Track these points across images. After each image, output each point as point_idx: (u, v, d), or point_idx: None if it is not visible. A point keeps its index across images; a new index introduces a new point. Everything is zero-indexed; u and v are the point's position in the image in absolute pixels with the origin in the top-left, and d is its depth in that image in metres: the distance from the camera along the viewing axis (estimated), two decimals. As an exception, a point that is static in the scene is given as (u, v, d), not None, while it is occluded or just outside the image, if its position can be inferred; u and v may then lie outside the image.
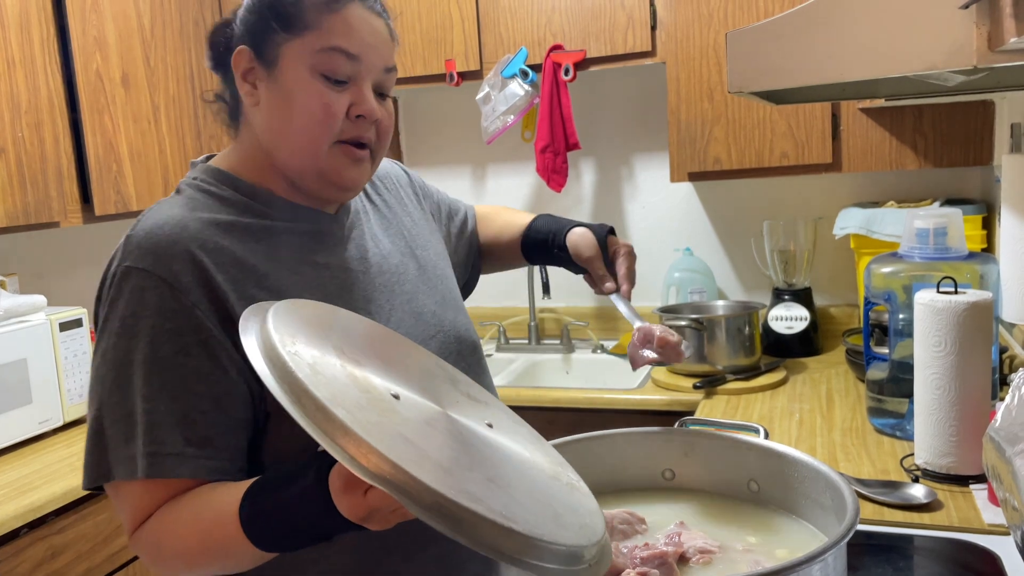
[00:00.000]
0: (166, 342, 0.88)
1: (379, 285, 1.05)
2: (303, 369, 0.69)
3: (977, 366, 1.36)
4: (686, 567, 0.84)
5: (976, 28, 0.74)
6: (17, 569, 1.66)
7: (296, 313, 0.78)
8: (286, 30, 0.94)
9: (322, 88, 0.94)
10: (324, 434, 0.66)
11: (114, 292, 0.91)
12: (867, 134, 2.17)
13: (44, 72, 2.13)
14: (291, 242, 0.99)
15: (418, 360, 0.88)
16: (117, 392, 0.89)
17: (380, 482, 0.64)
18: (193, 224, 0.93)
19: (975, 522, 1.27)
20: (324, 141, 0.96)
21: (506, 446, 0.80)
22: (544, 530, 0.67)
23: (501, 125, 2.54)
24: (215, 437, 0.89)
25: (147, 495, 0.89)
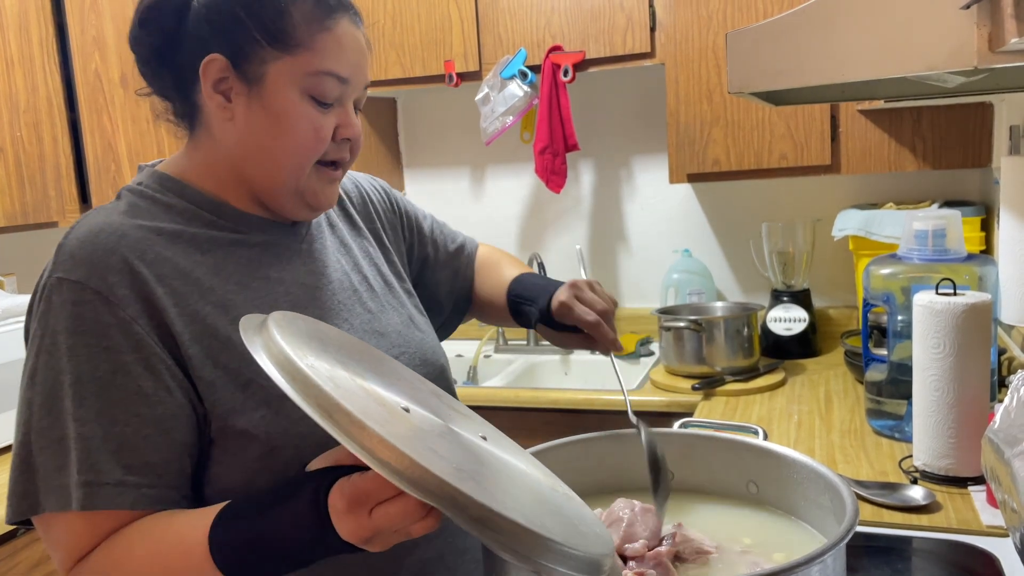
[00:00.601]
0: (102, 361, 0.81)
1: (337, 303, 0.99)
2: (326, 382, 0.66)
3: (976, 368, 1.36)
4: (684, 568, 0.84)
5: (977, 29, 0.74)
6: (14, 570, 1.66)
7: (295, 325, 0.75)
8: (275, 46, 0.88)
9: (312, 112, 0.90)
10: (363, 448, 0.63)
11: (44, 305, 0.83)
12: (866, 136, 2.17)
13: (43, 72, 2.13)
14: (241, 255, 0.93)
15: (402, 375, 0.86)
16: (47, 416, 0.81)
17: (426, 495, 0.62)
18: (132, 232, 0.86)
19: (974, 524, 1.27)
20: (309, 164, 0.92)
21: (507, 459, 0.79)
22: (575, 541, 0.67)
23: (500, 126, 2.54)
24: (158, 464, 0.82)
25: (84, 528, 0.81)
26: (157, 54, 0.93)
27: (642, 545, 0.83)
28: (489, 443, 0.81)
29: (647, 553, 0.82)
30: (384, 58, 2.58)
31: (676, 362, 2.26)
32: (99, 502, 0.79)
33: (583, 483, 1.01)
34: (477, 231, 2.95)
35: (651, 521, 0.87)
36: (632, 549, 0.83)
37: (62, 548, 0.82)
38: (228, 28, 0.88)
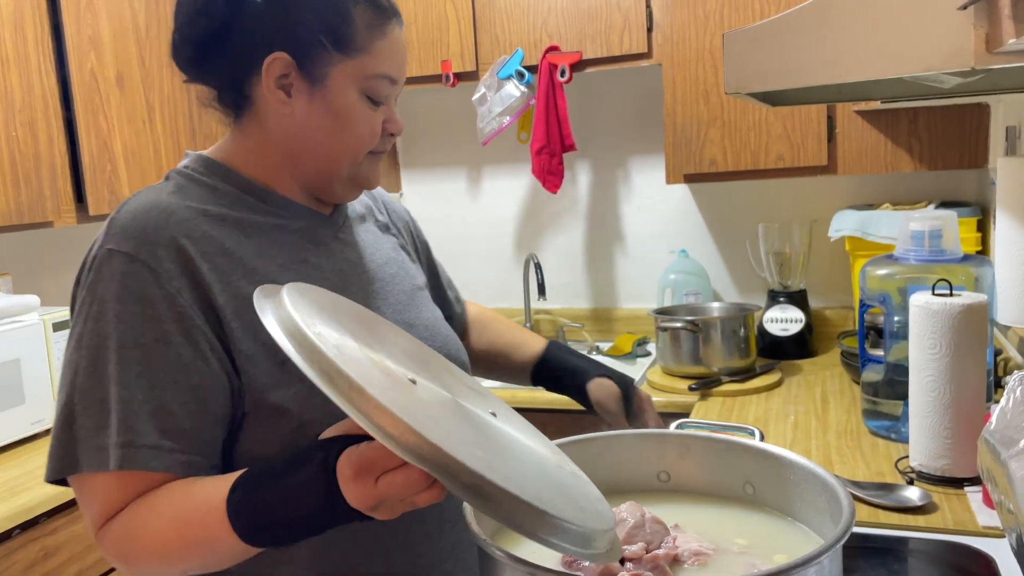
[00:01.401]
0: (146, 329, 0.85)
1: (371, 291, 1.03)
2: (331, 349, 0.68)
3: (972, 368, 1.36)
4: (680, 569, 0.84)
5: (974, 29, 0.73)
6: (9, 571, 1.66)
7: (307, 295, 0.77)
8: (339, 51, 0.94)
9: (367, 111, 0.96)
10: (360, 412, 0.65)
11: (94, 275, 0.88)
12: (862, 136, 2.17)
13: (38, 71, 2.12)
14: (282, 239, 0.97)
15: (417, 351, 0.88)
16: (90, 379, 0.85)
17: (420, 460, 0.64)
18: (180, 211, 0.91)
19: (970, 524, 1.27)
20: (363, 155, 0.99)
21: (513, 434, 0.81)
22: (572, 515, 0.68)
23: (497, 126, 2.54)
24: (192, 431, 0.86)
25: (117, 489, 0.84)
26: (212, 40, 0.96)
27: (640, 547, 0.83)
28: (499, 420, 0.82)
29: (644, 556, 0.82)
30: (381, 58, 2.57)
31: (673, 363, 2.26)
32: (134, 463, 0.83)
33: (580, 484, 1.01)
34: (474, 231, 2.95)
35: (657, 529, 0.86)
36: (630, 551, 0.83)
37: (95, 507, 0.86)
38: (294, 29, 0.93)
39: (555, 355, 1.29)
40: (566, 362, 1.27)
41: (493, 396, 0.92)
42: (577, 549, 0.68)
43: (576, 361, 1.27)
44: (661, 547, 0.84)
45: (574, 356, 1.29)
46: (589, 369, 1.25)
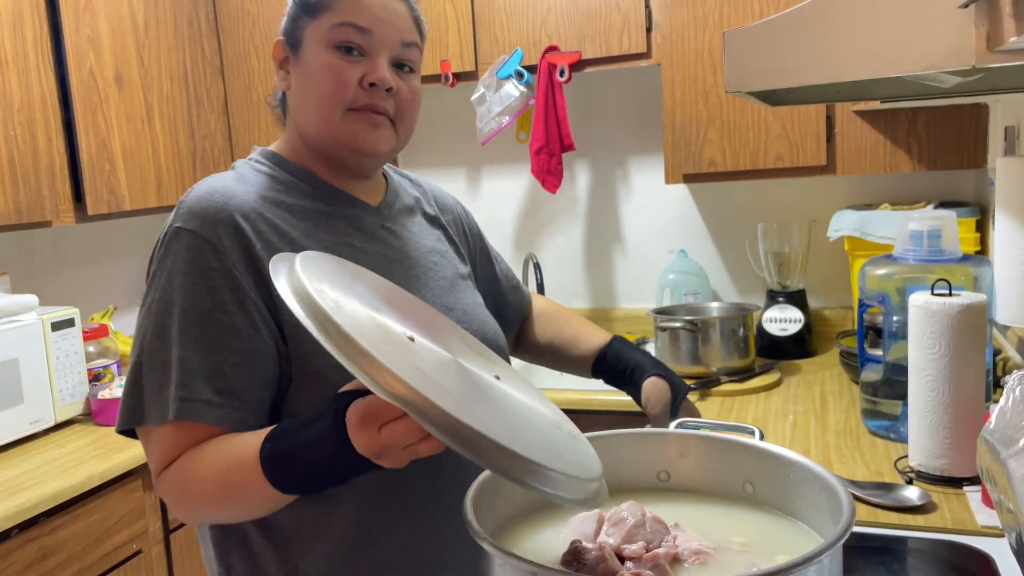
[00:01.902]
0: (205, 298, 0.95)
1: (413, 275, 1.11)
2: (328, 303, 0.74)
3: (971, 368, 1.36)
4: (681, 568, 0.84)
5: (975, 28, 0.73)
6: (8, 570, 1.65)
7: (322, 262, 0.84)
8: (308, 15, 1.03)
9: (335, 60, 1.02)
10: (347, 357, 0.71)
11: (164, 250, 0.98)
12: (861, 136, 2.17)
13: (37, 70, 2.12)
14: (330, 225, 1.06)
15: (436, 321, 0.94)
16: (156, 342, 0.95)
17: (399, 402, 0.69)
18: (240, 195, 1.01)
19: (969, 524, 1.27)
20: (337, 108, 1.02)
21: (512, 394, 0.86)
22: (542, 457, 0.72)
23: (496, 126, 2.54)
24: (241, 391, 0.95)
25: (174, 439, 0.94)
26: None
27: (640, 546, 0.83)
28: (502, 382, 0.87)
29: (645, 555, 0.82)
30: (380, 58, 2.57)
31: (672, 362, 2.26)
32: (190, 415, 0.93)
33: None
34: (473, 231, 2.95)
35: (657, 529, 0.86)
36: (630, 550, 0.83)
37: (156, 455, 0.96)
38: (287, 14, 1.06)
39: (617, 350, 1.33)
40: (627, 357, 1.31)
41: (505, 366, 0.97)
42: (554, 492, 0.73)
43: (638, 358, 1.30)
44: (661, 546, 0.84)
45: (637, 352, 1.32)
46: (648, 366, 1.28)
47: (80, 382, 2.16)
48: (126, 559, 1.92)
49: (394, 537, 1.02)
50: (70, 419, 2.16)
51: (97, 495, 1.85)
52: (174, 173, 2.55)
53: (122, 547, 1.91)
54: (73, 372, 2.14)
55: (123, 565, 1.91)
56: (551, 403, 0.94)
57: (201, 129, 2.66)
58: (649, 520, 0.87)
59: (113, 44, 2.33)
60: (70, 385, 2.13)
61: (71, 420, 2.17)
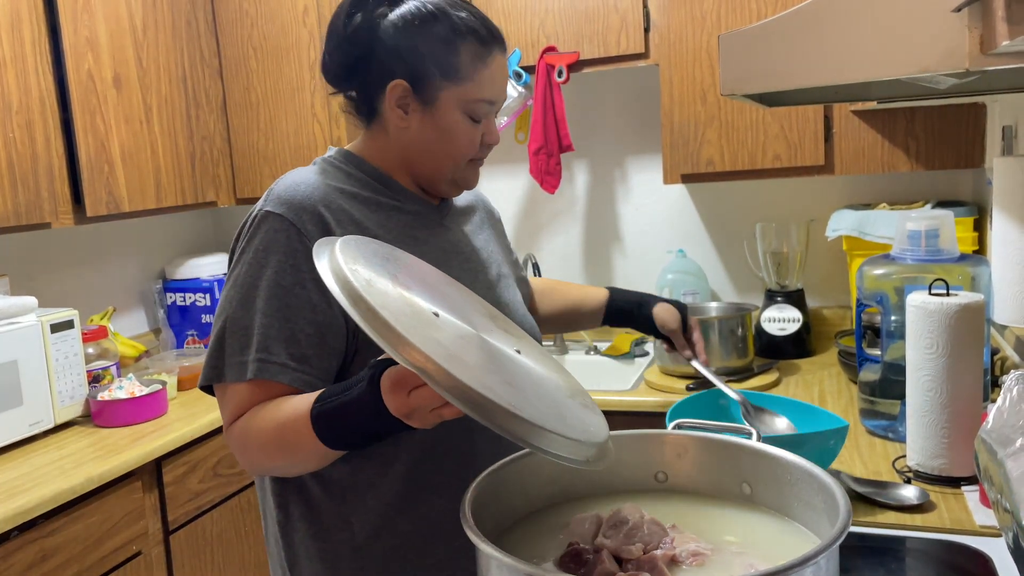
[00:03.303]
0: (288, 274, 1.07)
1: (467, 269, 1.23)
2: (360, 281, 0.82)
3: (969, 368, 1.37)
4: (678, 569, 0.84)
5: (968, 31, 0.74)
6: (8, 572, 1.65)
7: (361, 245, 0.92)
8: (446, 78, 1.13)
9: (469, 127, 1.17)
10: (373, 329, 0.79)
11: (252, 230, 1.11)
12: (859, 136, 2.18)
13: (35, 72, 2.12)
14: (399, 218, 1.19)
15: (467, 299, 1.02)
16: (241, 309, 1.08)
17: (416, 369, 0.77)
18: (322, 188, 1.14)
19: (967, 523, 1.27)
20: (462, 162, 1.19)
21: (531, 367, 0.93)
22: (546, 422, 0.79)
23: (494, 126, 2.54)
24: (312, 357, 1.07)
25: (248, 395, 1.06)
26: (354, 63, 1.16)
27: (638, 548, 0.83)
28: (522, 356, 0.95)
29: (643, 557, 0.82)
30: (378, 58, 2.58)
31: (670, 362, 2.26)
32: (266, 374, 1.05)
33: (577, 483, 1.01)
34: (471, 231, 2.95)
35: (655, 531, 0.87)
36: (628, 551, 0.83)
37: (229, 410, 1.08)
38: (412, 61, 1.13)
39: (620, 296, 1.54)
40: (631, 299, 1.53)
41: (531, 342, 1.04)
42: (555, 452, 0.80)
43: (638, 297, 1.53)
44: (659, 548, 0.85)
45: (634, 294, 1.55)
46: (650, 300, 1.52)
47: (79, 384, 2.16)
48: (126, 560, 1.92)
49: (438, 498, 1.13)
50: (69, 421, 2.16)
51: (97, 497, 1.85)
52: (173, 174, 2.55)
53: (122, 548, 1.91)
54: (72, 374, 2.14)
55: (123, 566, 1.91)
56: (573, 377, 1.01)
57: (200, 130, 2.66)
58: (647, 522, 0.87)
59: (111, 45, 2.33)
60: (69, 387, 2.13)
61: (71, 422, 2.17)
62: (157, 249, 2.93)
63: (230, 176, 2.78)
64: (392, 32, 1.13)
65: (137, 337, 2.80)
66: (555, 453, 0.80)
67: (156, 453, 1.99)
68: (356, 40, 1.16)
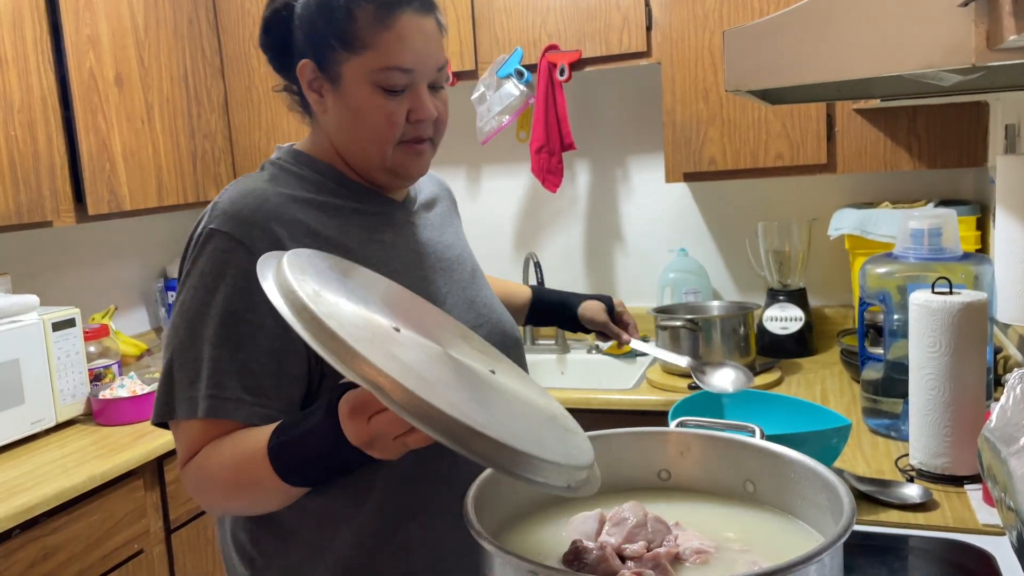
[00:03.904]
0: (238, 299, 0.97)
1: (439, 269, 1.15)
2: (307, 293, 0.76)
3: (972, 367, 1.36)
4: (682, 567, 0.84)
5: (975, 26, 0.73)
6: (9, 570, 1.65)
7: (312, 258, 0.86)
8: (345, 49, 1.03)
9: (383, 101, 1.03)
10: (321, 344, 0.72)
11: (197, 251, 1.01)
12: (862, 135, 2.17)
13: (37, 71, 2.12)
14: (361, 221, 1.09)
15: (435, 318, 0.96)
16: (189, 339, 0.99)
17: (370, 386, 0.70)
18: (273, 198, 1.03)
19: (970, 522, 1.27)
20: (389, 145, 1.06)
21: (505, 386, 0.86)
22: (522, 443, 0.72)
23: (496, 125, 2.54)
24: (270, 388, 0.98)
25: (202, 433, 0.98)
26: (278, 56, 1.10)
27: (641, 546, 0.83)
28: (496, 375, 0.87)
29: (646, 554, 0.82)
30: (380, 57, 2.57)
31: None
32: (219, 412, 0.96)
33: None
34: (473, 230, 2.94)
35: (658, 528, 0.86)
36: (631, 549, 0.83)
37: (184, 447, 1.00)
38: (313, 36, 1.05)
39: (545, 296, 1.51)
40: (554, 299, 1.51)
41: (507, 362, 0.98)
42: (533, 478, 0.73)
43: (560, 297, 1.51)
44: (663, 545, 0.84)
45: (556, 294, 1.52)
46: (573, 300, 1.50)
47: (81, 382, 2.16)
48: (127, 559, 1.92)
49: (416, 525, 1.06)
50: (71, 419, 2.16)
51: (98, 495, 1.85)
52: (174, 173, 2.55)
53: (123, 547, 1.91)
54: (74, 372, 2.14)
55: (124, 565, 1.91)
56: (553, 399, 0.95)
57: (201, 129, 2.66)
58: (650, 520, 0.87)
59: (113, 44, 2.33)
60: (71, 385, 2.13)
61: (72, 420, 2.17)
62: (158, 248, 2.93)
63: (231, 175, 2.78)
64: (298, 10, 1.06)
65: (139, 336, 2.80)
66: (532, 479, 0.73)
67: (158, 452, 1.99)
68: (273, 26, 1.09)
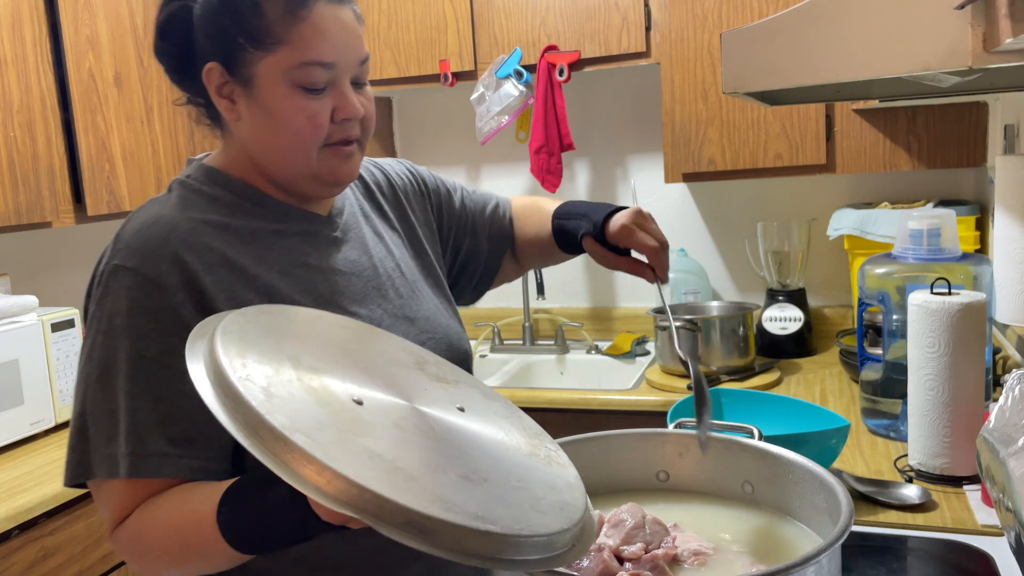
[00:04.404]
0: (153, 341, 0.88)
1: (372, 288, 1.04)
2: (256, 396, 0.66)
3: (971, 367, 1.36)
4: (680, 569, 0.84)
5: (971, 29, 0.73)
6: (9, 571, 1.65)
7: (247, 327, 0.76)
8: (257, 47, 0.92)
9: (304, 101, 0.93)
10: (285, 466, 0.63)
11: (102, 290, 0.91)
12: (861, 135, 2.17)
13: (36, 71, 2.12)
14: (282, 244, 0.99)
15: (382, 349, 0.86)
16: (101, 391, 0.89)
17: (348, 508, 0.62)
18: (183, 224, 0.93)
19: (969, 523, 1.27)
20: (314, 149, 0.95)
21: (479, 432, 0.78)
22: (524, 523, 0.66)
23: (496, 126, 2.54)
24: (198, 437, 0.88)
25: (128, 494, 0.88)
26: (178, 64, 0.99)
27: (639, 547, 0.83)
28: (466, 415, 0.80)
29: (644, 556, 0.82)
30: (379, 58, 2.58)
31: (672, 362, 2.26)
32: (143, 471, 0.87)
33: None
34: (473, 231, 2.94)
35: (657, 530, 0.86)
36: (630, 551, 0.83)
37: (109, 511, 0.90)
38: (218, 36, 0.93)
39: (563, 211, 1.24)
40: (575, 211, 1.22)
41: (467, 381, 0.89)
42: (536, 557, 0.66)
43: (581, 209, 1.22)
44: (661, 547, 0.84)
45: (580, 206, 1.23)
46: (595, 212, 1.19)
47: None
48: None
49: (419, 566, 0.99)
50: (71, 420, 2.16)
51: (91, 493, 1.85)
52: (174, 173, 2.54)
53: (123, 548, 1.91)
54: (73, 373, 2.14)
55: (124, 566, 1.91)
56: (523, 416, 0.88)
57: (201, 130, 2.64)
58: (648, 521, 0.87)
59: (112, 45, 2.33)
60: (70, 386, 2.13)
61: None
62: (158, 248, 2.93)
63: (231, 175, 2.78)
64: (197, 10, 0.94)
65: (138, 336, 2.80)
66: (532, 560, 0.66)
67: (157, 452, 1.99)
68: (171, 30, 0.97)
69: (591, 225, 1.17)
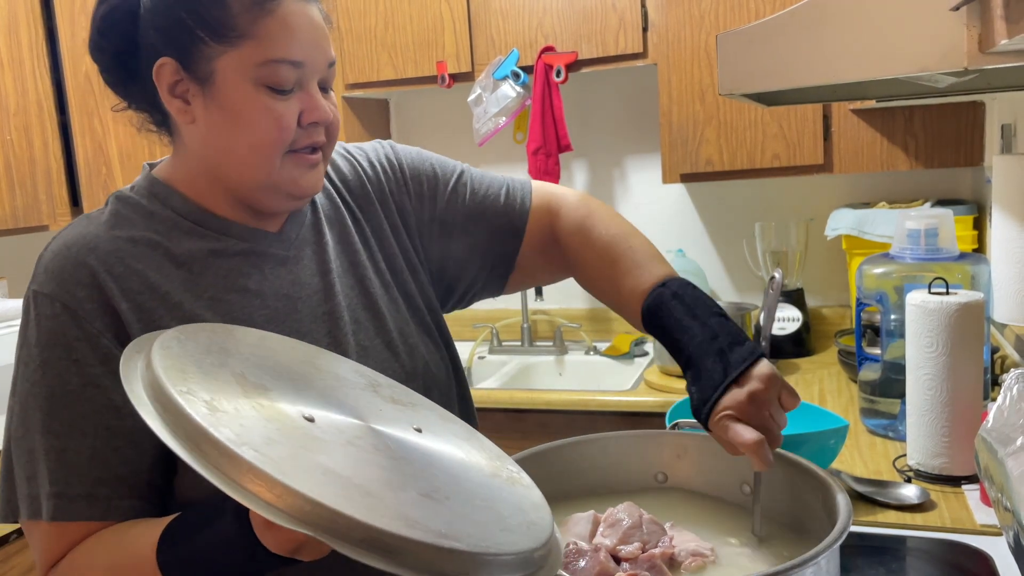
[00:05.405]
0: (72, 374, 0.82)
1: (320, 315, 0.94)
2: (199, 409, 0.62)
3: (969, 367, 1.36)
4: (678, 570, 0.84)
5: (967, 30, 0.74)
6: (8, 574, 1.65)
7: (187, 344, 0.71)
8: (218, 41, 0.84)
9: (269, 101, 0.85)
10: (232, 482, 0.59)
11: (24, 318, 0.86)
12: (858, 135, 2.18)
13: (33, 74, 2.12)
14: (219, 266, 0.90)
15: (333, 371, 0.81)
16: (21, 427, 0.83)
17: (302, 525, 0.58)
18: (105, 244, 0.86)
19: (967, 523, 1.27)
20: (278, 155, 0.87)
21: (439, 451, 0.75)
22: (491, 541, 0.63)
23: (493, 127, 2.54)
24: (128, 476, 0.83)
25: (56, 537, 0.82)
26: (119, 63, 0.89)
27: (636, 547, 0.83)
28: (424, 436, 0.76)
29: (641, 556, 0.82)
30: (376, 59, 2.58)
31: (670, 362, 2.26)
32: (68, 515, 0.81)
33: (574, 483, 1.01)
34: (471, 232, 2.94)
35: (654, 530, 0.86)
36: (627, 551, 0.83)
37: (39, 553, 0.84)
38: (172, 29, 0.85)
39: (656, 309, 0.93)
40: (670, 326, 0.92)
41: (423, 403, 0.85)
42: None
43: (684, 329, 0.90)
44: (658, 547, 0.84)
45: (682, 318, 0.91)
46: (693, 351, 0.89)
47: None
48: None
49: None
50: (69, 423, 2.16)
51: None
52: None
53: (121, 551, 1.91)
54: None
55: None
56: (482, 438, 0.84)
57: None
58: (646, 521, 0.87)
59: (109, 48, 2.33)
60: (68, 389, 2.13)
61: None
62: (156, 251, 2.93)
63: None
64: (147, 2, 0.85)
65: (136, 339, 2.80)
66: None
67: (155, 455, 1.98)
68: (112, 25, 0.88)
69: (699, 400, 0.87)
